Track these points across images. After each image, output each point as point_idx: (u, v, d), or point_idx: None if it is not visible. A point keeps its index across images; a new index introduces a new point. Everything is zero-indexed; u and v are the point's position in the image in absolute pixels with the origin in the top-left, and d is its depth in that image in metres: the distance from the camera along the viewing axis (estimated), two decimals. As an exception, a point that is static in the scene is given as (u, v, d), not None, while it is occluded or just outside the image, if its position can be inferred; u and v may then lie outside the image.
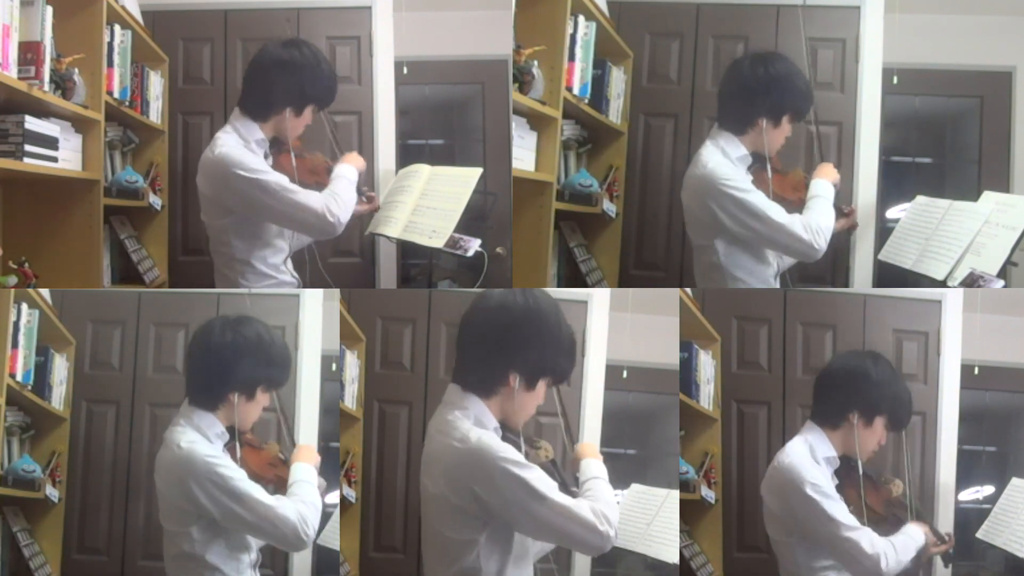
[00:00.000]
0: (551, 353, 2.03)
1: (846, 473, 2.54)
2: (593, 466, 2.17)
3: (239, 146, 2.67)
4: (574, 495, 2.10)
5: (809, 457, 2.49)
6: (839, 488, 2.51)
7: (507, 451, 1.93)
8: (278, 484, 2.42)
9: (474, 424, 1.98)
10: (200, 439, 2.31)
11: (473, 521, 1.96)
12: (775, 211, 2.74)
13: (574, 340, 2.08)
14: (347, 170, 2.84)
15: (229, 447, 2.39)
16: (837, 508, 2.42)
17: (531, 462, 2.00)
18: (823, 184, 2.86)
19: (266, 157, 2.76)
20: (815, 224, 2.76)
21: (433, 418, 2.06)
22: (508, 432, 2.04)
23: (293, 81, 2.70)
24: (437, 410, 2.06)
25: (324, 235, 2.79)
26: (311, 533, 2.30)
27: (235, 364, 2.36)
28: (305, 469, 2.43)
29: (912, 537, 2.53)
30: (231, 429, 2.40)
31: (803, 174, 2.92)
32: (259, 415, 2.46)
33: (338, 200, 2.73)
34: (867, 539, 2.41)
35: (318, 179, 2.87)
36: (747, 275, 2.84)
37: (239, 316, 2.44)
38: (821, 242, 2.75)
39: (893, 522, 2.60)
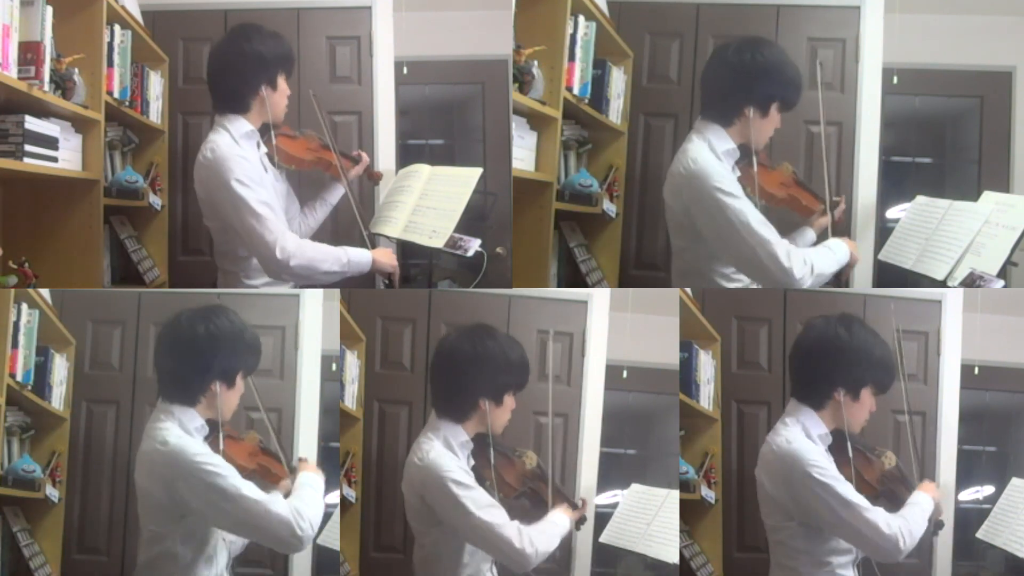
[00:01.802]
0: (506, 373, 2.41)
1: (838, 449, 2.42)
2: (555, 515, 2.47)
3: (234, 146, 2.67)
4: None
5: (808, 439, 2.35)
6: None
7: (452, 472, 2.29)
8: (263, 474, 2.38)
9: (443, 444, 2.35)
10: (184, 435, 2.24)
11: (427, 517, 2.35)
12: (762, 228, 2.57)
13: (524, 356, 2.45)
14: (358, 253, 2.84)
15: (211, 441, 2.31)
16: (849, 490, 2.29)
17: (516, 470, 2.47)
18: (840, 244, 2.75)
19: (259, 145, 2.78)
20: (803, 254, 2.61)
21: (418, 438, 2.42)
22: (485, 442, 2.41)
23: (256, 66, 2.71)
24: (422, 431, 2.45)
25: (264, 262, 2.71)
26: (307, 530, 2.21)
27: (214, 353, 2.30)
28: (311, 476, 2.41)
29: (921, 506, 2.40)
30: (211, 423, 2.34)
31: (791, 169, 2.82)
32: (237, 404, 2.39)
33: (296, 250, 2.67)
34: (883, 519, 2.29)
35: (315, 155, 2.89)
36: (726, 282, 2.75)
37: (208, 306, 2.39)
38: (805, 273, 2.59)
39: (889, 496, 2.49)
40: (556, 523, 2.44)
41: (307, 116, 2.95)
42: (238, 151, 2.67)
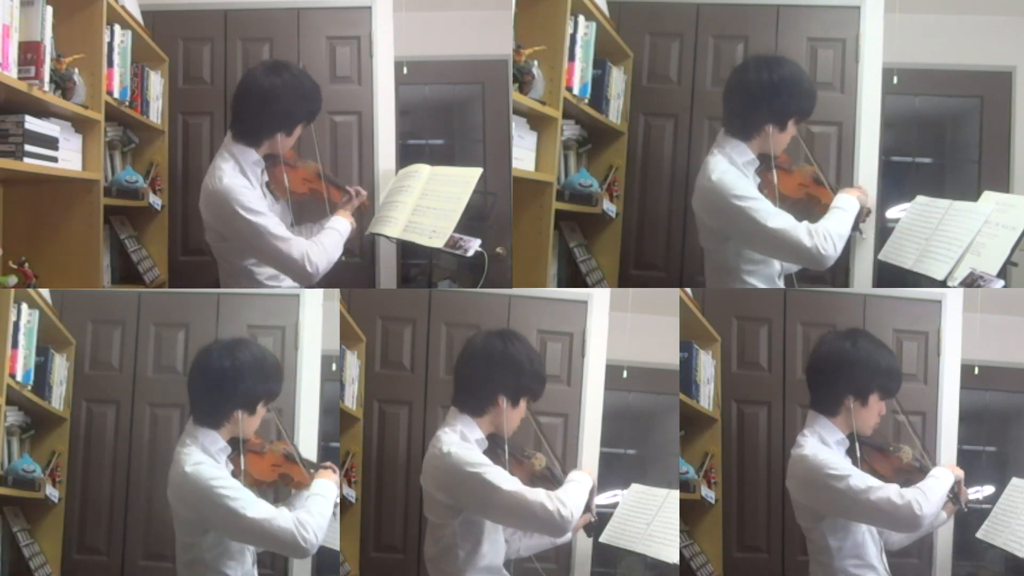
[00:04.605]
0: (527, 379, 2.53)
1: (854, 451, 2.61)
2: (575, 474, 2.55)
3: (238, 176, 2.74)
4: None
5: (823, 444, 2.57)
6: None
7: (472, 457, 2.41)
8: (286, 481, 2.56)
9: (460, 438, 2.46)
10: (205, 459, 2.45)
11: (448, 510, 2.44)
12: (777, 219, 2.69)
13: (543, 366, 2.62)
14: (341, 224, 2.91)
15: (233, 458, 2.52)
16: (862, 478, 2.48)
17: (525, 471, 2.54)
18: (847, 198, 2.81)
19: (263, 173, 2.82)
20: (823, 229, 2.70)
21: (436, 432, 2.53)
22: (496, 442, 2.51)
23: (280, 107, 2.77)
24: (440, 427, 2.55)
25: (301, 281, 2.86)
26: (311, 539, 2.43)
27: (237, 385, 2.51)
28: (324, 484, 2.58)
29: (938, 478, 2.55)
30: (233, 441, 2.53)
31: (812, 170, 2.86)
32: (257, 427, 2.59)
33: (320, 249, 2.81)
34: (895, 492, 2.46)
35: (311, 186, 2.91)
36: (755, 277, 2.83)
37: (235, 339, 2.66)
38: (829, 248, 2.69)
39: (908, 485, 2.61)
40: (578, 481, 2.51)
41: (307, 141, 2.96)
42: (243, 181, 2.74)
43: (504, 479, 2.38)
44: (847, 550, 2.54)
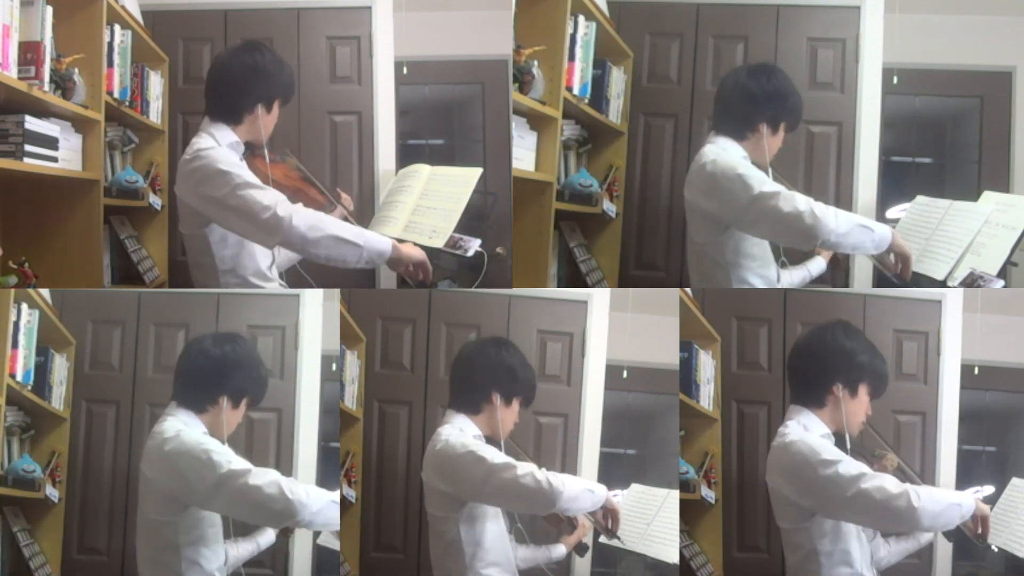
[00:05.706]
0: (521, 382, 2.61)
1: (843, 447, 2.42)
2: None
3: (214, 145, 2.61)
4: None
5: (808, 432, 2.41)
6: None
7: (465, 440, 2.47)
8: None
9: (457, 431, 2.51)
10: (186, 428, 2.41)
11: (450, 501, 2.46)
12: (771, 185, 2.63)
13: (535, 375, 2.67)
14: (372, 233, 2.78)
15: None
16: (853, 464, 2.30)
17: None
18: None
19: (242, 159, 2.71)
20: (823, 205, 2.59)
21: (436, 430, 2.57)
22: (493, 443, 2.54)
23: (260, 81, 2.68)
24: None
25: (265, 233, 2.54)
26: (300, 496, 2.26)
27: (232, 371, 2.49)
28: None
29: (956, 498, 2.33)
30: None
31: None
32: (236, 425, 2.52)
33: (308, 211, 2.55)
34: (891, 482, 2.26)
35: (293, 183, 2.86)
36: (752, 275, 2.81)
37: (231, 332, 2.65)
38: (828, 215, 2.55)
39: None
40: (583, 478, 2.59)
41: (306, 128, 2.91)
42: (222, 152, 2.60)
43: (495, 454, 2.43)
44: (837, 555, 2.36)
